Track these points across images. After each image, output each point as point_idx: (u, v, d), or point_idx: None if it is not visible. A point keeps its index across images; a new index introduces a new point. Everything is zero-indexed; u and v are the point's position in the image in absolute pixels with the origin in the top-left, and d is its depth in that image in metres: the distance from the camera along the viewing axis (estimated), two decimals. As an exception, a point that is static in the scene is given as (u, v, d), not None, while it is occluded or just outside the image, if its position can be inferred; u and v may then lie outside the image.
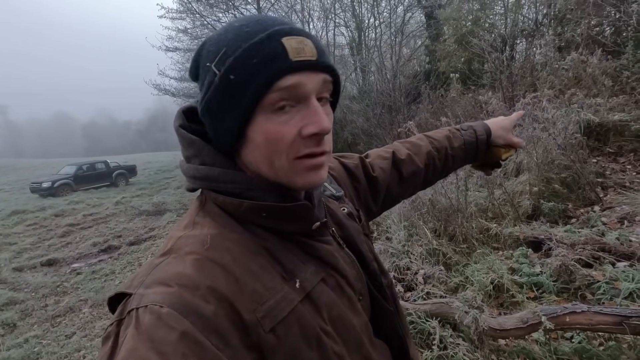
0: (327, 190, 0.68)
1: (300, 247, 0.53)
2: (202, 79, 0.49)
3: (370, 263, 0.64)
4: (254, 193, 0.49)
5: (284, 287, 0.47)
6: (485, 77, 8.68)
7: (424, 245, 2.73)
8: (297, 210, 0.51)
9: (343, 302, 0.53)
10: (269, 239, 0.50)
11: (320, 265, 0.53)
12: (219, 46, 0.47)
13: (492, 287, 2.29)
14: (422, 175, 0.87)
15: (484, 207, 3.78)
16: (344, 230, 0.63)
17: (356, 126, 9.72)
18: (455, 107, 7.55)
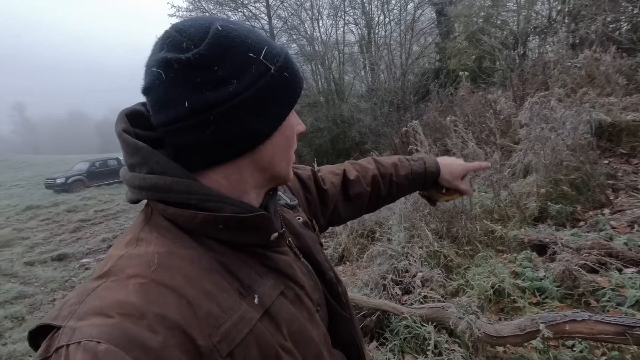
0: (282, 200, 0.67)
1: (258, 260, 0.50)
2: (235, 70, 0.44)
3: (327, 272, 0.64)
4: (211, 204, 0.46)
5: (242, 305, 0.44)
6: (497, 75, 8.51)
7: (425, 247, 2.68)
8: (257, 221, 0.48)
9: (302, 315, 0.52)
10: (224, 253, 0.47)
11: (279, 278, 0.52)
12: (258, 42, 0.47)
13: (492, 291, 2.23)
14: (366, 198, 0.88)
15: (490, 209, 3.70)
16: (301, 240, 0.63)
17: (364, 125, 9.64)
18: (464, 106, 7.42)
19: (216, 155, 0.47)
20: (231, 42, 0.45)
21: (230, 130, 0.45)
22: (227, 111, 0.44)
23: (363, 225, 3.86)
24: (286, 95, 0.49)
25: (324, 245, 3.00)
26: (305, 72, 14.56)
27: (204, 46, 0.43)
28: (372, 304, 1.96)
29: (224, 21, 0.47)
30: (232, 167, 0.49)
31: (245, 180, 0.51)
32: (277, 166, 0.53)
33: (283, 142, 0.52)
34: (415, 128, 3.78)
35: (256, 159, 0.50)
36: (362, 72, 13.99)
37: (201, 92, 0.43)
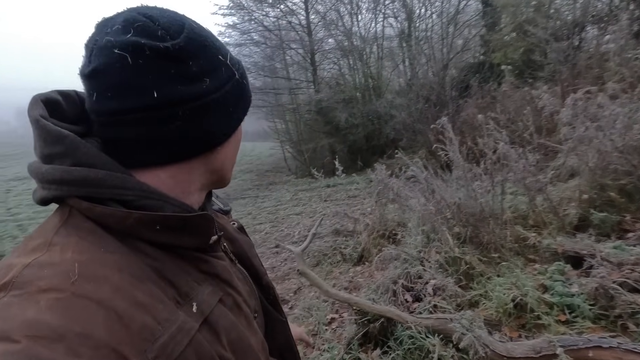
0: (215, 205, 0.65)
1: (195, 265, 0.47)
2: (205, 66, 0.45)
3: (263, 277, 0.64)
4: (148, 202, 0.43)
5: (179, 315, 0.41)
6: (547, 70, 7.87)
7: (444, 253, 2.53)
8: (199, 222, 0.46)
9: (241, 322, 0.50)
10: (159, 258, 0.43)
11: (218, 284, 0.49)
12: (221, 47, 0.48)
13: (512, 304, 2.05)
14: None
15: (524, 214, 3.42)
16: (236, 245, 0.61)
17: (398, 121, 9.37)
18: (506, 102, 6.94)
19: (174, 151, 0.45)
20: (204, 41, 0.46)
21: (195, 128, 0.44)
22: (198, 108, 0.44)
23: (385, 225, 3.74)
24: (245, 102, 0.52)
25: (346, 245, 2.93)
26: (342, 67, 14.44)
27: (182, 39, 0.43)
28: (376, 310, 1.87)
29: (193, 19, 0.48)
30: (184, 166, 0.47)
31: (193, 181, 0.49)
32: (226, 168, 0.54)
33: (235, 146, 0.53)
34: (444, 126, 3.58)
35: (210, 160, 0.50)
36: (401, 66, 13.59)
37: (174, 85, 0.42)
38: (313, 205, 7.46)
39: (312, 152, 14.22)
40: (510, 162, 3.10)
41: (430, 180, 2.84)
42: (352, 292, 3.09)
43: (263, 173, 16.64)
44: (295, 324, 0.99)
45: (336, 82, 13.85)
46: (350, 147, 12.69)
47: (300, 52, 14.21)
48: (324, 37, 13.98)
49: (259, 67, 14.66)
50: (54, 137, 0.41)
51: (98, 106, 0.42)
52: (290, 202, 8.31)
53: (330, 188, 8.62)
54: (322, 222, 4.45)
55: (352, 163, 11.91)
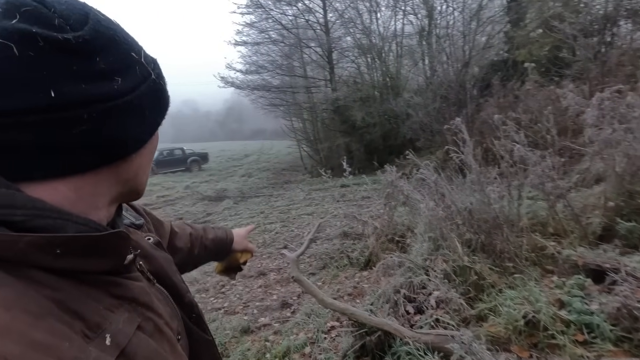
0: (125, 219, 0.58)
1: (106, 290, 0.41)
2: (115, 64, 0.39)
3: (185, 295, 0.60)
4: (43, 222, 0.36)
5: (90, 352, 0.35)
6: (576, 67, 7.46)
7: (451, 262, 2.38)
8: (111, 241, 0.40)
9: (164, 348, 0.45)
10: (61, 287, 0.36)
11: (134, 309, 0.44)
12: (134, 44, 0.43)
13: (524, 321, 1.89)
14: (185, 255, 0.86)
15: (543, 221, 3.21)
16: (153, 263, 0.55)
17: (415, 121, 9.14)
18: (529, 102, 6.62)
19: (77, 161, 0.38)
20: (114, 35, 0.40)
21: (105, 134, 0.38)
22: (108, 111, 0.38)
23: (394, 229, 3.60)
24: (162, 105, 0.47)
25: (353, 249, 2.80)
26: (360, 65, 14.25)
27: (87, 31, 0.37)
28: (373, 322, 1.76)
29: (99, 10, 0.41)
30: (90, 178, 0.40)
31: (101, 195, 0.43)
32: (140, 179, 0.48)
33: (149, 155, 0.48)
34: (458, 126, 3.40)
35: (121, 171, 0.43)
36: (420, 64, 13.27)
37: (76, 83, 0.36)
38: (325, 206, 7.37)
39: (328, 151, 14.13)
40: (529, 166, 2.91)
41: (440, 184, 2.69)
42: (355, 299, 2.98)
43: (279, 172, 16.68)
44: (240, 229, 1.06)
45: (354, 81, 13.69)
46: (366, 146, 12.51)
47: (317, 50, 14.12)
48: (342, 35, 13.83)
49: (276, 66, 14.67)
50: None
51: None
52: (303, 202, 8.24)
53: (344, 188, 8.51)
54: (320, 227, 4.35)
55: (369, 163, 11.73)
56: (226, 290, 3.82)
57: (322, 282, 3.51)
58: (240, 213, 8.11)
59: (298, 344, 2.37)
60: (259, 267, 4.36)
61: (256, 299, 3.45)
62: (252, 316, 3.09)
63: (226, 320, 3.03)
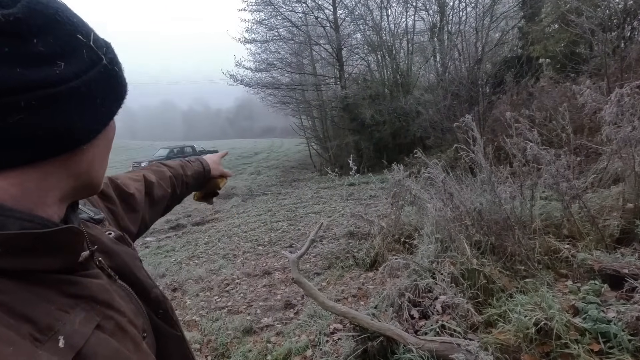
0: (83, 213, 0.55)
1: (59, 290, 0.39)
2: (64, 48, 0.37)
3: (152, 290, 0.57)
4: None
5: (40, 356, 0.33)
6: (593, 63, 7.20)
7: (459, 264, 2.29)
8: (63, 238, 0.38)
9: (127, 347, 0.43)
10: (4, 289, 0.34)
11: (92, 308, 0.41)
12: (83, 26, 0.40)
13: (535, 329, 1.79)
14: (167, 200, 0.88)
15: (557, 222, 3.09)
16: (115, 259, 0.53)
17: (425, 119, 8.98)
18: (544, 99, 6.42)
19: (16, 153, 0.35)
20: (55, 14, 0.36)
21: (47, 123, 0.35)
22: (49, 98, 0.35)
23: (400, 230, 3.52)
24: (117, 92, 0.44)
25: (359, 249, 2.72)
26: (369, 63, 14.09)
27: (20, 9, 0.33)
28: (375, 327, 1.69)
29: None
30: (34, 171, 0.37)
31: (49, 190, 0.40)
32: (95, 173, 0.45)
33: (105, 146, 0.46)
34: (468, 124, 3.29)
35: (71, 163, 0.41)
36: (431, 61, 13.05)
37: (10, 67, 0.33)
38: (333, 204, 7.30)
39: (337, 149, 14.04)
40: (542, 165, 2.79)
41: (448, 183, 2.59)
42: (360, 300, 2.91)
43: (288, 170, 16.66)
44: (212, 155, 1.08)
45: (363, 78, 13.55)
46: (375, 144, 12.38)
47: (327, 47, 14.02)
48: (352, 32, 13.70)
49: (285, 63, 14.61)
50: None
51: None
52: (310, 200, 8.19)
53: (352, 187, 8.42)
54: (323, 227, 4.27)
55: (378, 161, 11.61)
56: (230, 289, 3.79)
57: (326, 282, 3.45)
58: (248, 211, 8.10)
59: (299, 346, 2.31)
60: (264, 266, 4.32)
61: (260, 299, 3.41)
62: (255, 316, 3.05)
63: (229, 319, 2.99)
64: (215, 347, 2.60)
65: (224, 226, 6.95)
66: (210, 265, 4.62)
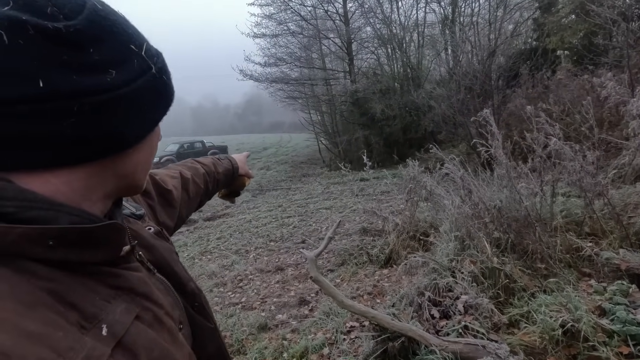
0: (126, 209, 0.58)
1: (103, 281, 0.41)
2: (114, 56, 0.39)
3: (188, 284, 0.59)
4: (35, 213, 0.36)
5: (86, 342, 0.35)
6: (611, 55, 6.99)
7: (479, 263, 2.23)
8: (106, 232, 0.40)
9: (164, 338, 0.44)
10: (55, 278, 0.36)
11: (133, 300, 0.43)
12: (137, 36, 0.42)
13: (561, 331, 1.74)
14: (200, 195, 0.90)
15: (578, 219, 3.00)
16: (154, 253, 0.55)
17: (437, 113, 8.84)
18: (561, 92, 6.25)
19: (68, 153, 0.38)
20: (112, 26, 0.39)
21: (97, 127, 0.38)
22: (101, 104, 0.37)
23: (415, 226, 3.46)
24: (163, 100, 0.46)
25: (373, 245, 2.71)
26: (379, 56, 13.93)
27: (80, 21, 0.36)
28: (396, 327, 1.65)
29: (100, 0, 0.40)
30: (82, 171, 0.40)
31: (95, 188, 0.42)
32: (138, 175, 0.47)
33: (149, 150, 0.48)
34: (486, 118, 3.21)
35: (116, 165, 0.43)
36: (443, 54, 12.83)
37: (66, 74, 0.35)
38: (343, 200, 7.26)
39: (346, 144, 13.96)
40: (564, 161, 2.70)
41: (466, 180, 2.53)
42: (376, 298, 2.88)
43: (298, 165, 16.65)
44: (239, 154, 1.11)
45: (373, 72, 13.40)
46: (386, 139, 12.27)
47: (336, 41, 13.88)
48: (362, 25, 13.53)
49: (295, 58, 14.52)
50: None
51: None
52: (321, 196, 8.16)
53: (363, 182, 8.37)
54: (340, 225, 4.23)
55: (388, 156, 11.51)
56: (244, 285, 3.79)
57: (340, 279, 3.42)
58: (259, 206, 8.11)
59: (316, 344, 2.29)
60: (277, 261, 4.31)
61: (274, 295, 3.41)
62: (269, 313, 3.05)
63: (244, 316, 2.99)
64: (230, 344, 2.60)
65: (235, 221, 6.97)
66: (222, 261, 4.63)
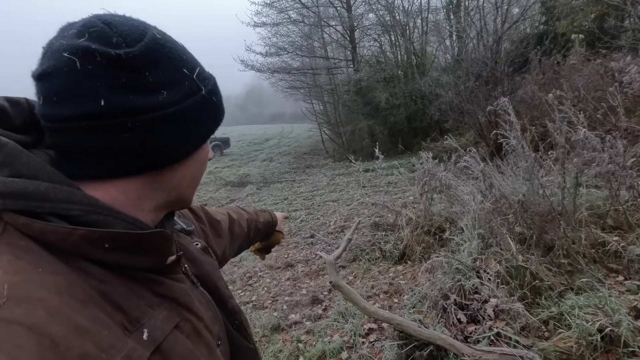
0: (177, 225, 0.62)
1: (149, 288, 0.44)
2: (168, 78, 0.43)
3: (229, 300, 0.61)
4: (96, 217, 0.40)
5: (127, 343, 0.37)
6: (625, 38, 6.75)
7: (504, 262, 2.12)
8: (154, 240, 0.43)
9: (200, 351, 0.47)
10: (106, 280, 0.40)
11: (174, 309, 0.46)
12: (191, 60, 0.46)
13: (599, 336, 1.63)
14: (242, 239, 0.91)
15: (602, 212, 2.88)
16: (199, 267, 0.58)
17: (444, 101, 8.65)
18: (574, 77, 6.04)
19: (122, 165, 0.42)
20: (168, 52, 0.44)
21: (147, 142, 0.42)
22: (150, 121, 0.41)
23: (430, 221, 3.35)
24: (211, 120, 0.49)
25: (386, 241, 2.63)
26: (383, 44, 13.63)
27: (139, 48, 0.41)
28: (424, 336, 1.55)
29: (160, 31, 0.45)
30: (135, 182, 0.45)
31: (147, 199, 0.47)
32: (186, 189, 0.50)
33: (196, 167, 0.50)
34: (504, 107, 3.06)
35: (165, 178, 0.47)
36: (447, 41, 12.54)
37: (124, 94, 0.40)
38: (350, 192, 7.14)
39: (350, 134, 13.77)
40: (590, 151, 2.56)
41: (488, 173, 2.40)
42: (392, 297, 2.78)
43: (300, 156, 16.50)
44: (279, 213, 1.10)
45: (376, 60, 13.13)
46: (390, 129, 12.08)
47: (339, 29, 13.56)
48: (365, 12, 13.20)
49: (296, 47, 14.22)
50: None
51: (44, 110, 0.41)
52: (326, 188, 8.05)
53: (368, 173, 8.24)
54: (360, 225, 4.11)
55: (393, 146, 11.34)
56: (254, 282, 3.71)
57: (353, 276, 3.33)
58: (264, 199, 8.01)
59: (333, 347, 2.20)
60: (286, 257, 4.23)
61: (285, 293, 3.32)
62: (281, 312, 2.96)
63: (255, 316, 2.91)
64: (243, 346, 2.52)
65: (241, 216, 6.88)
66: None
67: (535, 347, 1.63)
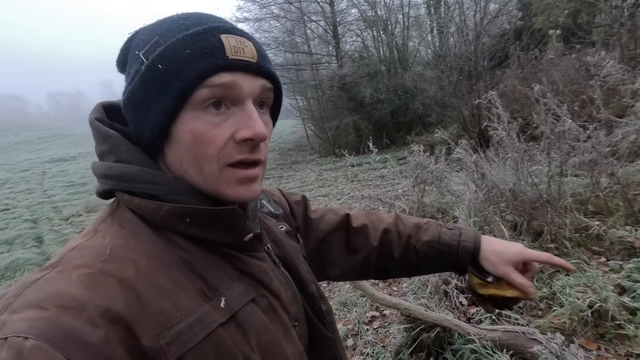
0: (265, 207, 0.65)
1: (229, 262, 0.48)
2: (128, 69, 0.47)
3: (309, 285, 0.60)
4: (177, 196, 0.45)
5: (203, 307, 0.42)
6: (596, 33, 7.06)
7: (499, 247, 2.24)
8: (227, 216, 0.46)
9: (275, 327, 0.48)
10: (191, 251, 0.45)
11: (252, 284, 0.48)
12: (152, 35, 0.45)
13: (590, 311, 1.76)
14: (373, 255, 0.74)
15: (582, 198, 3.05)
16: (282, 249, 0.59)
17: (428, 96, 8.82)
18: (552, 72, 6.30)
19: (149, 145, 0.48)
20: (132, 41, 0.48)
21: (134, 126, 0.48)
22: (124, 109, 0.48)
23: (423, 211, 3.46)
24: (159, 90, 0.43)
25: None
26: (365, 39, 13.72)
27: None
28: (431, 319, 1.64)
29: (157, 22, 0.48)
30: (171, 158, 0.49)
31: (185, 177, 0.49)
32: (188, 174, 0.47)
33: (191, 147, 0.45)
34: (492, 100, 3.19)
35: (169, 158, 0.48)
36: (429, 36, 12.75)
37: None
38: (340, 187, 7.23)
39: (335, 129, 13.84)
40: (574, 141, 2.72)
41: (480, 164, 2.51)
42: (391, 285, 2.88)
43: (285, 152, 16.47)
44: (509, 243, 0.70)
45: (359, 56, 13.22)
46: (375, 124, 12.21)
47: (321, 24, 13.57)
48: (347, 7, 13.25)
49: (279, 43, 14.15)
50: (102, 137, 0.47)
51: None
52: (315, 183, 8.11)
53: (356, 167, 8.35)
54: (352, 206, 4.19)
55: (378, 140, 11.44)
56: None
57: (350, 267, 3.41)
58: (252, 196, 7.99)
59: (338, 336, 2.27)
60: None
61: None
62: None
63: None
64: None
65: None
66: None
67: (532, 324, 1.75)
